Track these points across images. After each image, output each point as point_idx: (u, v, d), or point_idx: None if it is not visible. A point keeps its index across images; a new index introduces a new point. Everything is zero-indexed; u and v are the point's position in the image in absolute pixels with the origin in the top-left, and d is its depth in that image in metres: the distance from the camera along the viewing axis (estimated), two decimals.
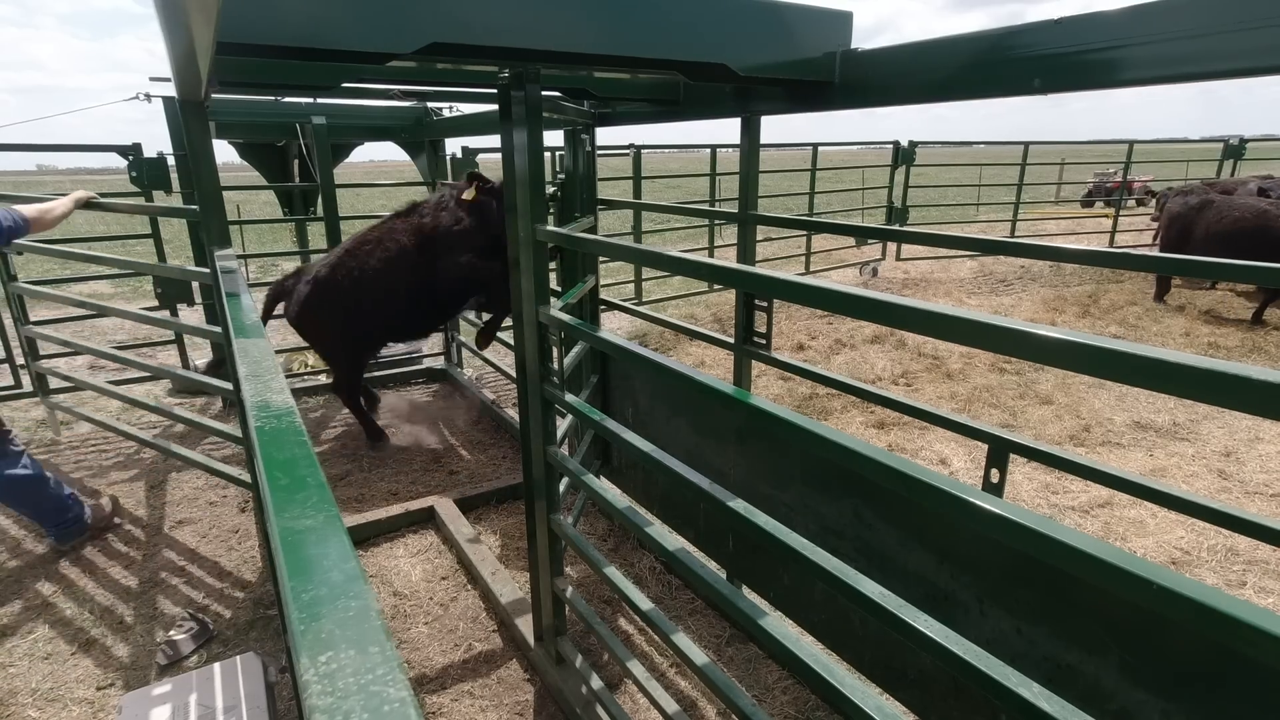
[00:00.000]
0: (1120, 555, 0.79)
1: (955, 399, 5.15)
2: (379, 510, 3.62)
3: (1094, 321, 7.37)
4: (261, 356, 1.12)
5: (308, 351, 6.33)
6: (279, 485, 0.66)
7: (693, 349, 6.52)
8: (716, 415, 2.53)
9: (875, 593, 1.02)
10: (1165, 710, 1.29)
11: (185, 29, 1.14)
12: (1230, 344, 6.36)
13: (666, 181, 25.87)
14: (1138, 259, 1.71)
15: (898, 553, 1.82)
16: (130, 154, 4.39)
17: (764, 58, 1.64)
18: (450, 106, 5.03)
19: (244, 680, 2.02)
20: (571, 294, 2.59)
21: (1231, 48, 1.06)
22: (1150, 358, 0.72)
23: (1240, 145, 10.74)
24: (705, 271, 1.42)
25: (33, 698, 2.46)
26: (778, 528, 1.21)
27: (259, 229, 15.36)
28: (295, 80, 1.87)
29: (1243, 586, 3.01)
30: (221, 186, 3.05)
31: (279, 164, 5.55)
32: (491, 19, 1.30)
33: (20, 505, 3.28)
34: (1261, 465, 4.08)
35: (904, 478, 0.98)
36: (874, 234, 2.50)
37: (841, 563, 1.10)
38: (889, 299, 0.99)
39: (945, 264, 10.69)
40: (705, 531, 2.69)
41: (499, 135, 1.90)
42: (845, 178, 12.94)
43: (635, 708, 2.38)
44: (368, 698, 0.36)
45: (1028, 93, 1.36)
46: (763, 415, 1.23)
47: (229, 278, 1.89)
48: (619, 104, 2.74)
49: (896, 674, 1.89)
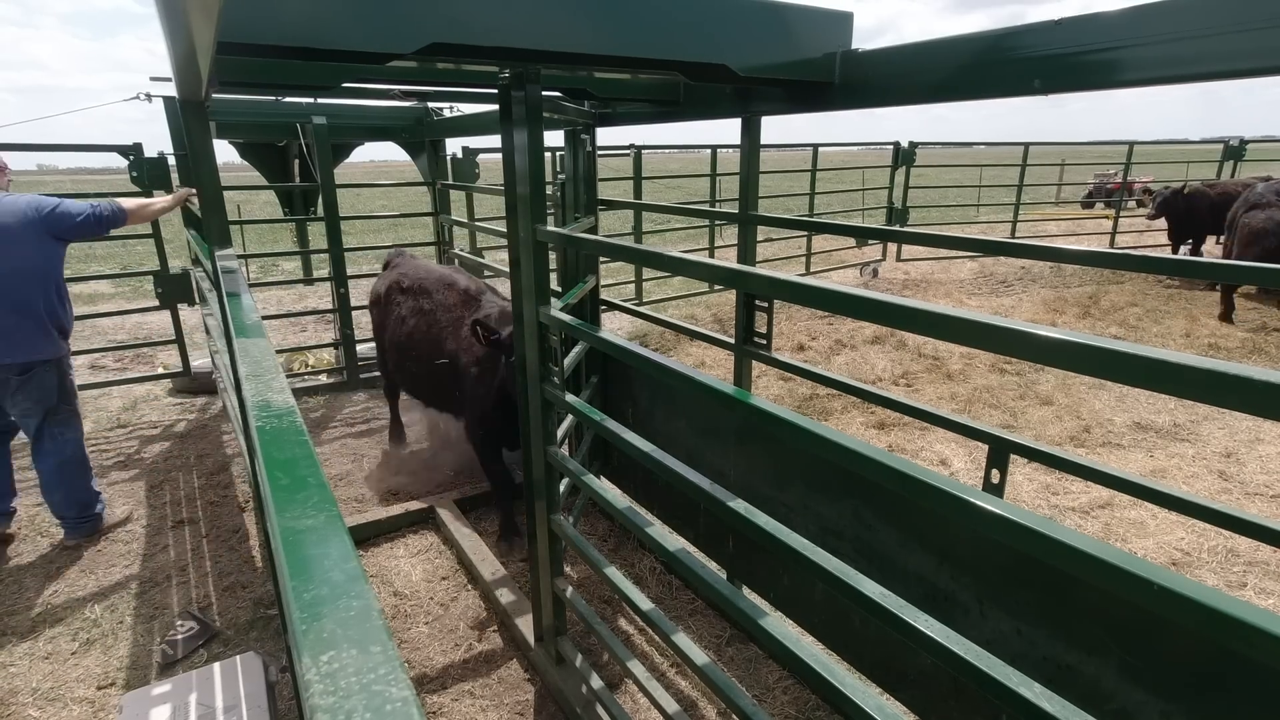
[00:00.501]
0: (1121, 556, 0.79)
1: (955, 400, 5.15)
2: (379, 510, 3.62)
3: (1094, 322, 7.37)
4: (262, 356, 1.12)
5: (308, 351, 6.34)
6: (280, 485, 0.66)
7: (693, 349, 6.52)
8: (717, 416, 2.53)
9: (876, 593, 1.02)
10: (1165, 711, 1.29)
11: (186, 29, 1.14)
12: (1231, 345, 6.36)
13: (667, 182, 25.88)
14: (1138, 260, 1.71)
15: (898, 553, 1.82)
16: (131, 154, 4.40)
17: (764, 58, 1.64)
18: (451, 106, 5.04)
19: (244, 680, 2.02)
20: (572, 294, 2.59)
21: (1231, 49, 1.06)
22: (1151, 358, 0.72)
23: (1240, 146, 10.74)
24: (705, 272, 1.42)
25: (33, 697, 2.46)
26: (778, 528, 1.21)
27: (259, 229, 15.35)
28: (295, 80, 1.87)
29: (1243, 588, 3.01)
30: (222, 186, 3.05)
31: (279, 164, 5.56)
32: (492, 19, 1.30)
33: (55, 491, 3.33)
34: (1262, 466, 4.08)
35: (904, 478, 0.98)
36: (874, 235, 2.50)
37: (842, 563, 1.10)
38: (889, 300, 0.99)
39: (945, 265, 10.69)
40: (705, 532, 2.69)
41: (499, 135, 1.90)
42: (845, 178, 12.93)
43: (635, 707, 2.38)
44: (370, 697, 0.37)
45: (1028, 93, 1.36)
46: (763, 416, 1.23)
47: (229, 277, 1.89)
48: (619, 104, 2.74)
49: (897, 674, 1.89)
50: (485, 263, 5.30)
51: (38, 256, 3.08)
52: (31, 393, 3.15)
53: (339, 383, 5.54)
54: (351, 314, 5.32)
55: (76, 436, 3.33)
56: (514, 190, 1.90)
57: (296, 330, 7.90)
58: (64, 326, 3.22)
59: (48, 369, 3.16)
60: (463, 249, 5.81)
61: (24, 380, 3.12)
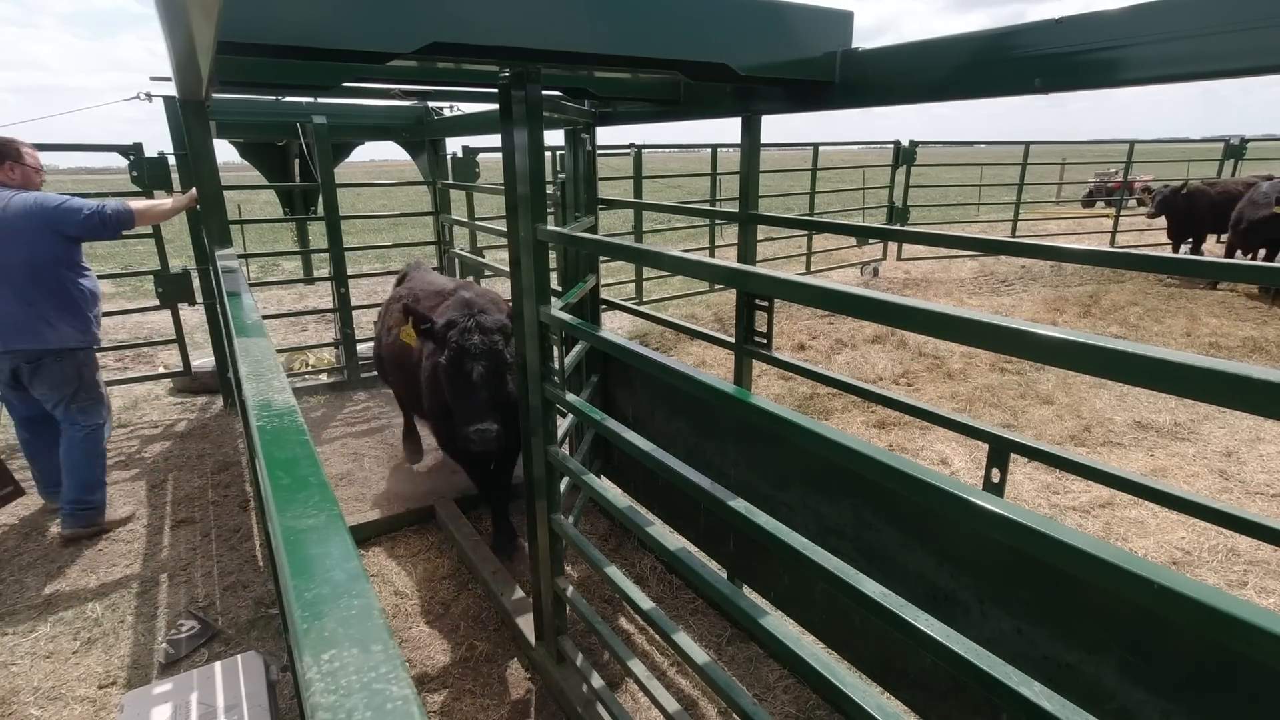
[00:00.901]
0: (1121, 555, 0.79)
1: (956, 399, 5.15)
2: (380, 510, 3.62)
3: (1095, 321, 7.36)
4: (263, 356, 1.12)
5: (309, 351, 6.34)
6: (281, 484, 0.66)
7: (693, 349, 6.52)
8: (717, 415, 2.53)
9: (876, 592, 1.02)
10: (1165, 710, 1.29)
11: (186, 28, 1.14)
12: (1231, 344, 6.36)
13: (667, 181, 25.88)
14: (1139, 259, 1.71)
15: (898, 553, 1.82)
16: (131, 154, 4.40)
17: (765, 57, 1.64)
18: (451, 106, 5.03)
19: (245, 679, 2.02)
20: (572, 294, 2.59)
21: (1231, 47, 1.06)
22: (1152, 357, 0.72)
23: (1241, 145, 10.74)
24: (706, 271, 1.42)
25: (34, 696, 2.47)
26: (779, 527, 1.21)
27: (260, 228, 15.36)
28: (296, 80, 1.87)
29: (1244, 587, 3.01)
30: (222, 186, 3.05)
31: (279, 163, 5.56)
32: (492, 18, 1.30)
33: (65, 475, 3.39)
34: (1263, 465, 4.08)
35: (905, 477, 0.98)
36: (875, 234, 2.50)
37: (842, 562, 1.10)
38: (890, 299, 0.99)
39: (946, 264, 10.69)
40: (706, 531, 2.69)
41: (499, 134, 1.90)
42: (846, 177, 12.93)
43: (636, 706, 2.38)
44: (370, 695, 0.37)
45: (1028, 92, 1.36)
46: (764, 415, 1.23)
47: (230, 277, 1.89)
48: (619, 103, 2.74)
49: (897, 673, 1.89)
50: (485, 262, 5.30)
51: (41, 250, 3.14)
52: (45, 380, 3.26)
53: (339, 382, 5.54)
54: (352, 313, 5.32)
55: (94, 424, 3.40)
56: (514, 189, 1.90)
57: (297, 330, 7.91)
58: (75, 321, 3.27)
59: (59, 360, 3.25)
60: (463, 248, 5.81)
61: (34, 369, 3.23)
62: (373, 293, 9.12)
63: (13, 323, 3.12)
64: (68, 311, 3.23)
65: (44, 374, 3.24)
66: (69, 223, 3.19)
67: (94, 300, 3.39)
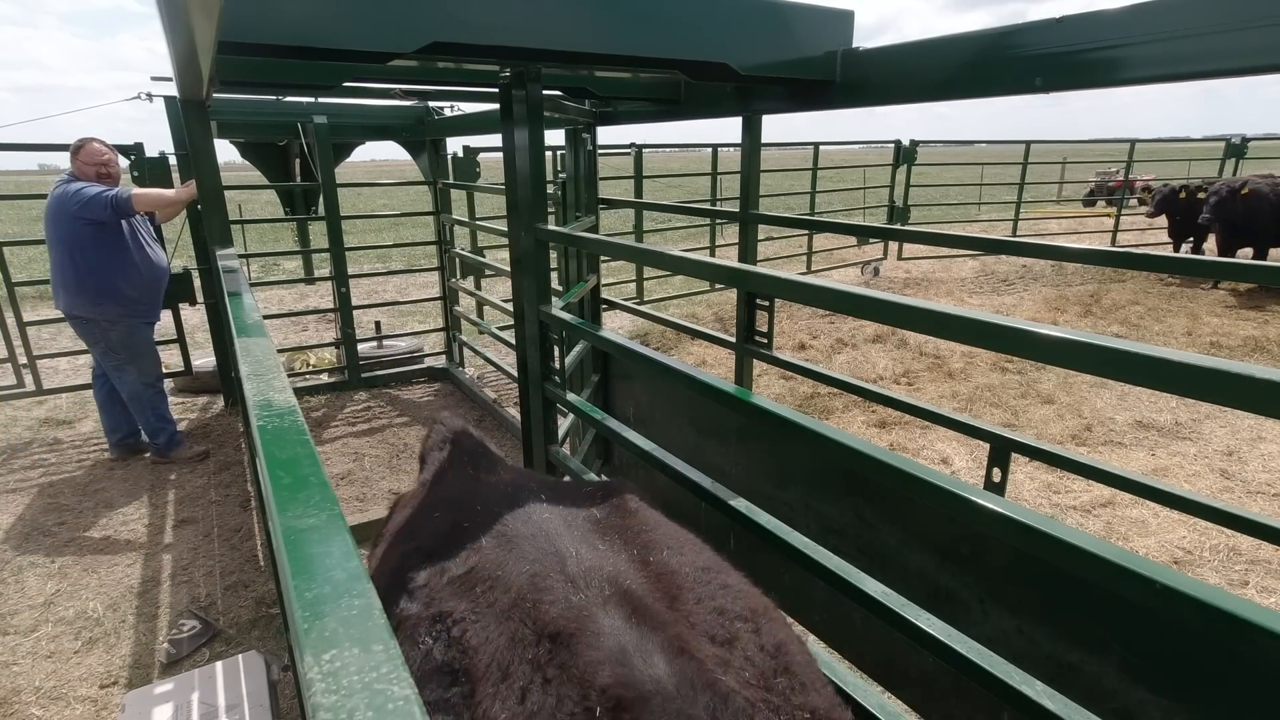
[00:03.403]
0: (1123, 554, 0.79)
1: (957, 398, 5.15)
2: (381, 509, 3.62)
3: (1096, 321, 7.36)
4: (264, 355, 1.12)
5: (310, 350, 6.34)
6: (281, 484, 0.66)
7: (694, 348, 6.52)
8: (718, 414, 2.53)
9: (877, 592, 1.03)
10: (1167, 710, 1.29)
11: (187, 28, 1.14)
12: (1232, 344, 6.35)
13: (668, 181, 25.86)
14: (1140, 258, 1.71)
15: (899, 552, 1.82)
16: (132, 153, 4.40)
17: (765, 57, 1.63)
18: (451, 105, 5.03)
19: (246, 678, 2.02)
20: (573, 293, 2.59)
21: (1232, 46, 1.06)
22: (1153, 357, 0.72)
23: (1242, 144, 10.72)
24: (706, 271, 1.42)
25: (36, 696, 2.47)
26: (779, 527, 1.21)
27: (260, 228, 15.33)
28: (296, 79, 1.87)
29: (1245, 586, 3.00)
30: (223, 185, 3.06)
31: (280, 163, 5.55)
32: (492, 18, 1.30)
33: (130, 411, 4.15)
34: (1264, 465, 4.08)
35: (906, 477, 0.98)
36: (875, 233, 2.50)
37: (843, 562, 1.10)
38: (891, 298, 0.99)
39: (947, 263, 10.68)
40: (706, 530, 2.68)
41: (500, 134, 1.90)
42: (846, 177, 12.92)
43: None
44: (372, 695, 0.37)
45: (1029, 91, 1.36)
46: (764, 414, 1.23)
47: (231, 276, 1.90)
48: (620, 103, 2.74)
49: (898, 672, 1.89)
50: (486, 262, 5.30)
51: (65, 232, 3.73)
52: (86, 338, 3.95)
53: (340, 382, 5.54)
54: (352, 313, 5.32)
55: (132, 378, 4.00)
56: (515, 189, 1.90)
57: (298, 329, 7.91)
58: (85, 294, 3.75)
59: (92, 325, 3.85)
60: (464, 248, 5.81)
61: (76, 326, 3.91)
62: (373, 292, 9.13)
63: (60, 286, 3.79)
64: (92, 286, 3.76)
65: (84, 333, 3.90)
66: (78, 204, 3.68)
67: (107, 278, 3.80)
